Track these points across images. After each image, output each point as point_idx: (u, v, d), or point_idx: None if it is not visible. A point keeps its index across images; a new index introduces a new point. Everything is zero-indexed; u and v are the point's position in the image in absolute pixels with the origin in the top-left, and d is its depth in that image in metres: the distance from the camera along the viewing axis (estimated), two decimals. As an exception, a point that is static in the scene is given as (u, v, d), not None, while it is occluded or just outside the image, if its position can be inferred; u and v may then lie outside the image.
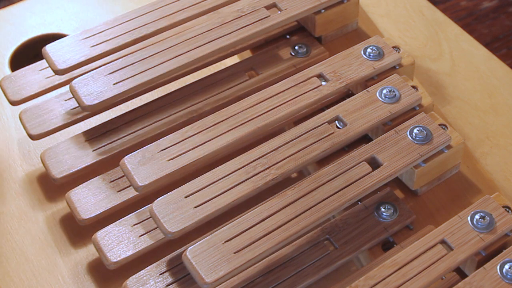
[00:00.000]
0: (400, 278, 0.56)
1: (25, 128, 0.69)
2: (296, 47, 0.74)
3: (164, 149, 0.62)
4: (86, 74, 0.68)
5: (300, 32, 0.76)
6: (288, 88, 0.67)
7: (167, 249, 0.61)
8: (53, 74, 0.70)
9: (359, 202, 0.62)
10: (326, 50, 0.75)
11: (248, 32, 0.71)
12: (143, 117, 0.69)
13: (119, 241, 0.61)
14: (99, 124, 0.69)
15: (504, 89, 0.77)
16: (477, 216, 0.59)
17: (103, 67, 0.69)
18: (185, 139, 0.63)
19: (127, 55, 0.70)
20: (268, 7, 0.73)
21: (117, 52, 0.71)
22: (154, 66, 0.68)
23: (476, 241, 0.58)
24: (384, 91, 0.66)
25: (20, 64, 0.76)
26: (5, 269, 0.64)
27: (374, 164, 0.61)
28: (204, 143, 0.63)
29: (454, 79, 0.79)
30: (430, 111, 0.67)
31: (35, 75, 0.72)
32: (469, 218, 0.59)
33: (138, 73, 0.68)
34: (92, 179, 0.66)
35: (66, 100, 0.71)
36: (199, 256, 0.54)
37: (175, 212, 0.57)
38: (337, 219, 0.61)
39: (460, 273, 0.59)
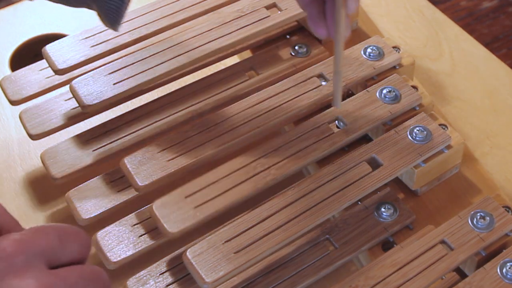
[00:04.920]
0: (400, 278, 0.56)
1: (25, 128, 0.69)
2: (296, 47, 0.74)
3: (164, 149, 0.62)
4: (86, 74, 0.68)
5: (300, 32, 0.76)
6: (288, 88, 0.67)
7: (167, 249, 0.61)
8: (53, 74, 0.70)
9: (359, 202, 0.62)
10: (326, 50, 0.75)
11: (248, 32, 0.72)
12: (143, 117, 0.69)
13: (119, 241, 0.61)
14: (99, 124, 0.69)
15: (504, 89, 0.77)
16: (477, 216, 0.59)
17: (103, 67, 0.69)
18: (185, 139, 0.63)
19: (127, 55, 0.70)
20: (268, 7, 0.73)
21: (117, 52, 0.71)
22: (154, 66, 0.68)
23: (476, 241, 0.58)
24: (384, 91, 0.66)
25: (20, 64, 0.76)
26: (5, 269, 0.64)
27: (374, 164, 0.61)
28: (204, 143, 0.63)
29: (454, 79, 0.79)
30: (430, 111, 0.67)
31: (35, 75, 0.72)
32: (469, 218, 0.59)
33: (138, 73, 0.68)
34: (92, 179, 0.66)
35: (66, 100, 0.71)
36: (199, 256, 0.54)
37: (175, 212, 0.57)
38: (337, 219, 0.61)
39: (460, 273, 0.59)
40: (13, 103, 0.71)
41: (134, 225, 0.62)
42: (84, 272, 0.43)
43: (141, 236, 0.62)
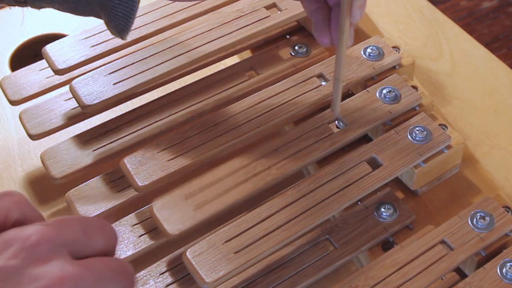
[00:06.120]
0: (400, 278, 0.56)
1: (25, 128, 0.69)
2: (296, 47, 0.74)
3: (164, 149, 0.62)
4: (86, 74, 0.68)
5: (300, 32, 0.76)
6: (288, 88, 0.67)
7: (167, 249, 0.61)
8: (53, 74, 0.70)
9: (359, 202, 0.62)
10: (326, 50, 0.75)
11: (248, 32, 0.72)
12: (143, 117, 0.69)
13: (119, 241, 0.61)
14: (99, 124, 0.69)
15: (504, 89, 0.77)
16: (477, 216, 0.59)
17: (103, 67, 0.69)
18: (185, 139, 0.63)
19: (127, 55, 0.70)
20: (268, 7, 0.73)
21: (117, 52, 0.71)
22: (154, 66, 0.69)
23: (476, 241, 0.58)
24: (384, 91, 0.66)
25: (20, 64, 0.76)
26: (5, 269, 0.64)
27: (374, 164, 0.61)
28: (204, 143, 0.63)
29: (454, 79, 0.79)
30: (430, 111, 0.67)
31: (35, 75, 0.72)
32: (469, 218, 0.59)
33: (138, 73, 0.68)
34: (92, 179, 0.66)
35: (66, 100, 0.71)
36: (199, 256, 0.54)
37: (175, 213, 0.57)
38: (337, 219, 0.61)
39: (460, 273, 0.59)
40: (13, 103, 0.71)
41: (134, 225, 0.63)
42: (111, 263, 0.41)
43: (141, 236, 0.62)
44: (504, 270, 0.56)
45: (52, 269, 0.39)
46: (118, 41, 0.71)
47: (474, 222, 0.59)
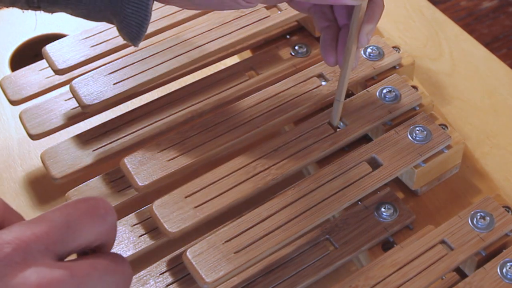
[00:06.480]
0: (400, 278, 0.56)
1: (25, 128, 0.69)
2: (296, 47, 0.74)
3: (164, 149, 0.62)
4: (86, 74, 0.68)
5: (300, 32, 0.76)
6: (288, 88, 0.67)
7: (167, 249, 0.61)
8: (53, 74, 0.70)
9: (359, 202, 0.62)
10: (326, 50, 0.75)
11: (248, 32, 0.72)
12: (143, 117, 0.69)
13: (119, 241, 0.61)
14: (99, 124, 0.69)
15: (504, 89, 0.77)
16: (477, 216, 0.59)
17: (103, 67, 0.69)
18: (185, 139, 0.63)
19: (127, 55, 0.70)
20: (268, 7, 0.73)
21: (117, 52, 0.71)
22: (154, 66, 0.69)
23: (476, 241, 0.58)
24: (384, 91, 0.66)
25: (20, 64, 0.76)
26: (5, 269, 0.64)
27: (374, 164, 0.61)
28: (204, 143, 0.63)
29: (454, 79, 0.79)
30: (430, 111, 0.67)
31: (35, 75, 0.72)
32: (469, 218, 0.59)
33: (138, 73, 0.68)
34: (92, 179, 0.66)
35: (66, 100, 0.71)
36: (199, 256, 0.54)
37: (175, 212, 0.57)
38: (337, 219, 0.61)
39: (460, 273, 0.59)
40: (13, 103, 0.71)
41: (134, 225, 0.63)
42: (98, 262, 0.39)
43: (141, 236, 0.62)
44: (504, 270, 0.56)
45: (29, 277, 0.36)
46: (118, 41, 0.71)
47: (474, 222, 0.59)
